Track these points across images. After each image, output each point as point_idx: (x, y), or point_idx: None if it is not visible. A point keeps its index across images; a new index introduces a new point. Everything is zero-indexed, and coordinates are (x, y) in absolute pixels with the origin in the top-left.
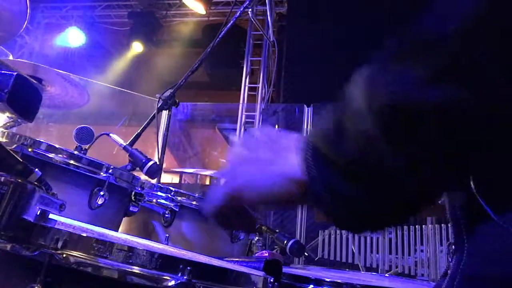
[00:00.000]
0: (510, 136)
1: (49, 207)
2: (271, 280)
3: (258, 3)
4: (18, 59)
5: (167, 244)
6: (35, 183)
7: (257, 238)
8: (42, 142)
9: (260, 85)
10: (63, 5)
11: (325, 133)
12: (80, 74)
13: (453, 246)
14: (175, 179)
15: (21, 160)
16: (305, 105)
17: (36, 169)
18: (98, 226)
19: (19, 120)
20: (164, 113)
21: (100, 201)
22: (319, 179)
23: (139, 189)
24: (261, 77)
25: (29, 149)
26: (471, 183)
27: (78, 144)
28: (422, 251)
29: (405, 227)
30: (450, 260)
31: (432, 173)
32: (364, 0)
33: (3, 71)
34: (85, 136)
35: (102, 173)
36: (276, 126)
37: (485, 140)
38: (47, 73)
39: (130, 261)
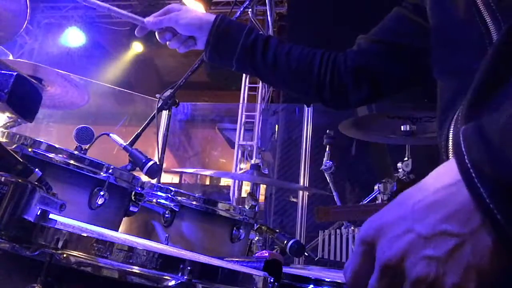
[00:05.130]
0: None
1: (49, 207)
2: (271, 280)
3: (258, 3)
4: (18, 59)
5: (167, 244)
6: (36, 183)
7: (257, 238)
8: (42, 142)
9: (260, 85)
10: (63, 5)
11: None
12: (80, 74)
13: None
14: (175, 179)
15: (22, 160)
16: (305, 105)
17: (37, 169)
18: (98, 226)
19: (19, 120)
20: (164, 113)
21: (100, 201)
22: None
23: (139, 189)
24: None
25: (29, 149)
26: None
27: (78, 144)
28: None
29: None
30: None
31: None
32: (364, 1)
33: (3, 71)
34: (85, 136)
35: (102, 173)
36: (276, 126)
37: None
38: (47, 73)
39: (130, 261)
